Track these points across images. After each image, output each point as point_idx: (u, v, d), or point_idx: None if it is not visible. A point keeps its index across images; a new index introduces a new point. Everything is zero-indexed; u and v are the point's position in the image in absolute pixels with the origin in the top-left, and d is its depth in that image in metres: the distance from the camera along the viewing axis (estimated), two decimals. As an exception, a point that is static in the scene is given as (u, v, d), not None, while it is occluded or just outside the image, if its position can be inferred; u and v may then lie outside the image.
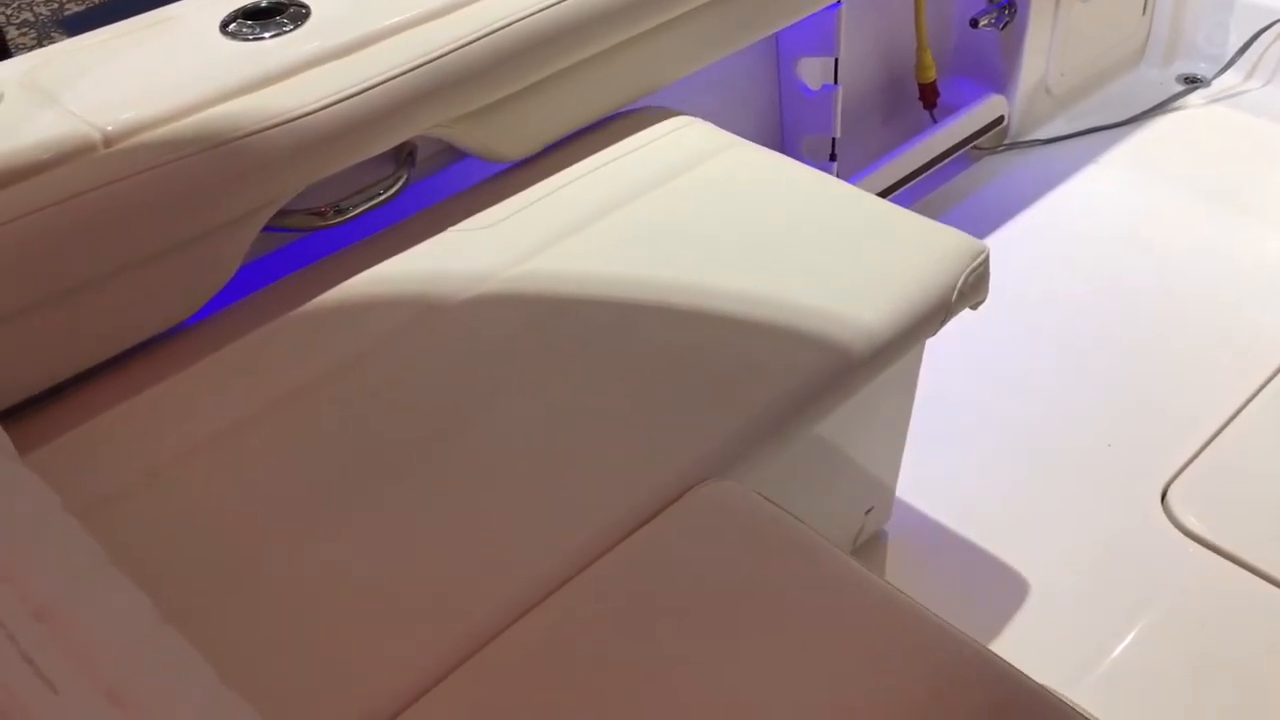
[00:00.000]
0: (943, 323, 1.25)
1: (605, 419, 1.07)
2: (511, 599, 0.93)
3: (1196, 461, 1.60)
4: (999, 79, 2.23)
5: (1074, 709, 0.84)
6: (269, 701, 0.88)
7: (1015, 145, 2.29)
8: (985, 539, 1.53)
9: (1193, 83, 2.44)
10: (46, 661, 0.53)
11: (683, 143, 1.44)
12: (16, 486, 0.81)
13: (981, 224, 2.09)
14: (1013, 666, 0.87)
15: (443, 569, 0.95)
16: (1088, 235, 2.05)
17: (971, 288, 1.27)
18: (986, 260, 1.28)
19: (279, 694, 0.88)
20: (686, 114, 1.51)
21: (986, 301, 1.89)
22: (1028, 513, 1.56)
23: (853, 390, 1.16)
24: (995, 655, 0.87)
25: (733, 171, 1.39)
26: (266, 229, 1.24)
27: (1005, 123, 2.24)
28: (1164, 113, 2.37)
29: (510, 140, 1.40)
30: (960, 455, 1.66)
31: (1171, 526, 1.52)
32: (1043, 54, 2.23)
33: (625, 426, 1.06)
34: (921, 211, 2.15)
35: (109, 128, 1.11)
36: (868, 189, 2.00)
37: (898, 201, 2.11)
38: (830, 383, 1.13)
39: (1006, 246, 2.04)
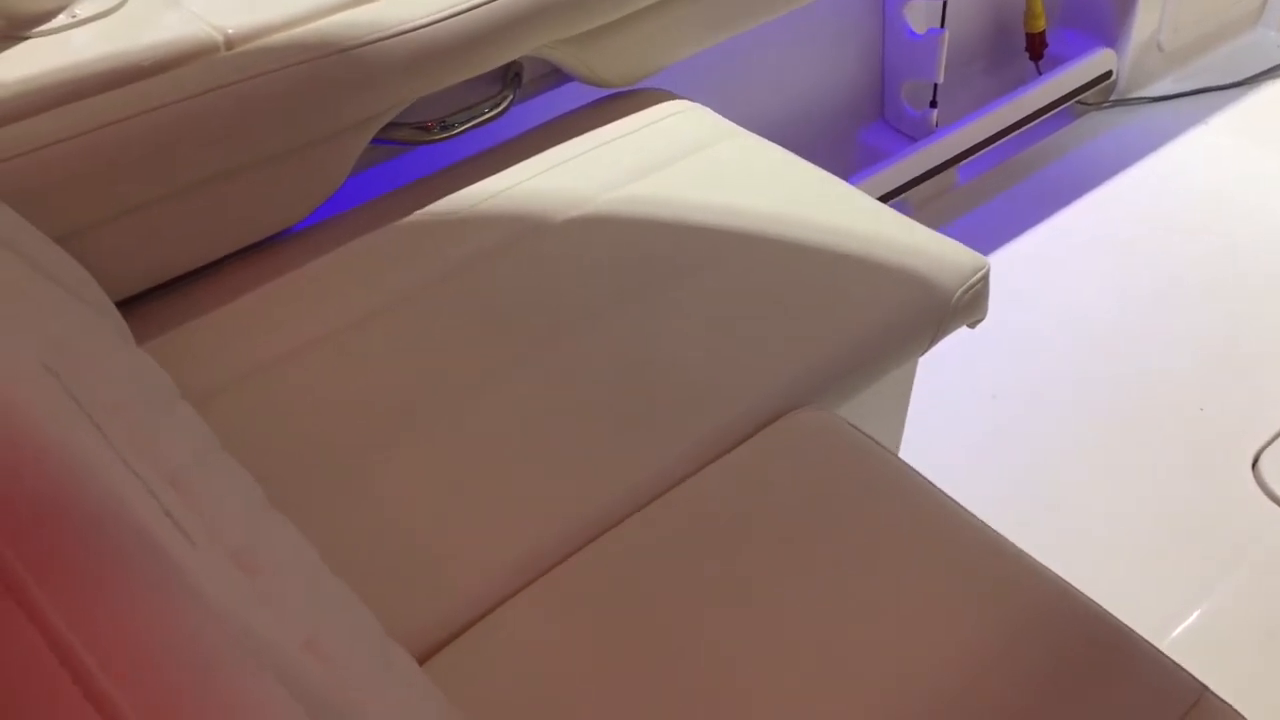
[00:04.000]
0: (933, 340, 1.17)
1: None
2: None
3: (1291, 431, 1.57)
4: (1109, 32, 2.18)
5: (1163, 654, 0.84)
6: (363, 592, 0.91)
7: (1121, 102, 2.23)
8: (1068, 496, 1.52)
9: (1312, 47, 2.36)
10: (182, 519, 0.55)
11: (681, 129, 1.37)
12: (139, 369, 0.84)
13: (1082, 181, 2.05)
14: (1104, 609, 0.86)
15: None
16: (1192, 198, 2.00)
17: (967, 305, 1.18)
18: (986, 276, 1.19)
19: (374, 585, 0.90)
20: (687, 99, 1.43)
21: (1083, 262, 1.87)
22: (1114, 472, 1.55)
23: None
24: (1087, 597, 0.87)
25: (728, 162, 1.31)
26: (374, 141, 1.26)
27: (1113, 78, 2.19)
28: (1278, 76, 2.29)
29: (615, 66, 1.40)
30: (1048, 409, 1.64)
31: (1261, 494, 1.50)
32: (1156, 9, 2.17)
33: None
34: (1020, 166, 2.14)
35: (230, 30, 1.13)
36: (967, 138, 1.97)
37: (997, 154, 2.08)
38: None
39: (1107, 205, 2.00)
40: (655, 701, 0.82)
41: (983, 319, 1.23)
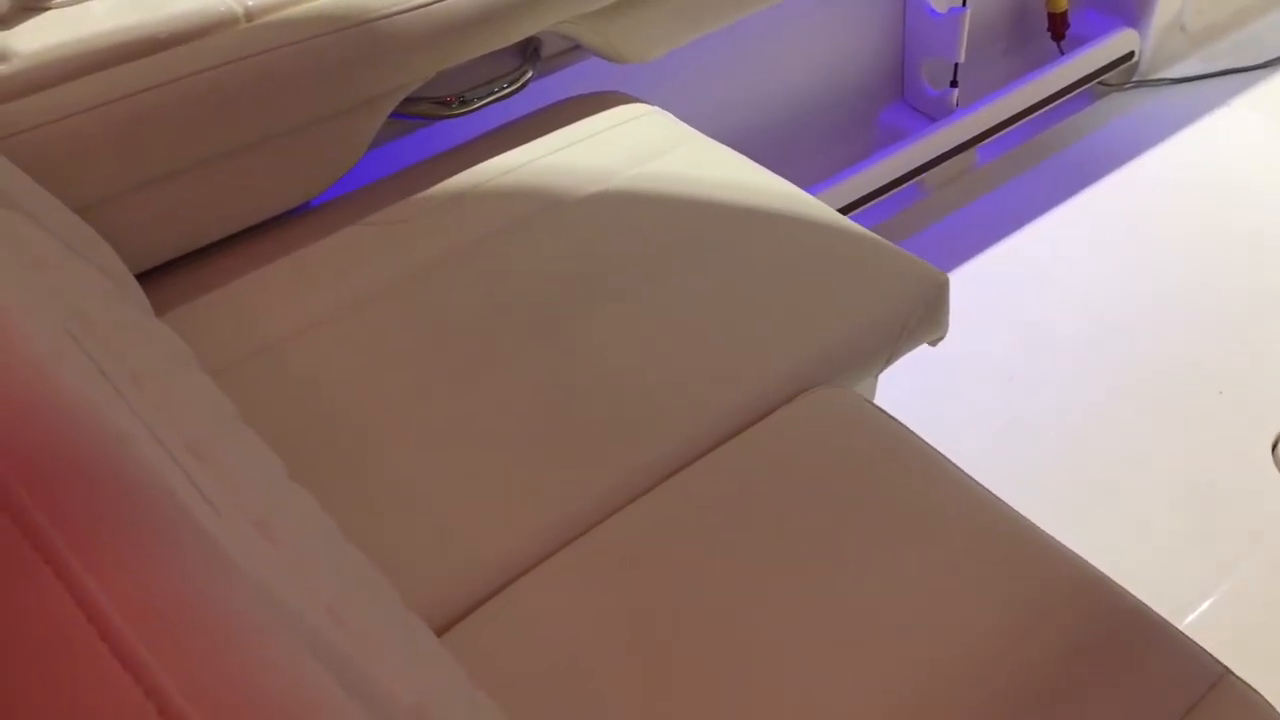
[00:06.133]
0: (889, 360, 1.13)
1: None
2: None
3: (1312, 415, 1.56)
4: (1132, 12, 2.15)
5: (1184, 634, 0.83)
6: (380, 565, 0.91)
7: (1144, 83, 2.21)
8: (1087, 480, 1.51)
9: (1338, 28, 2.33)
10: (205, 488, 0.55)
11: (638, 134, 1.32)
12: (159, 340, 0.84)
13: (1103, 163, 2.03)
14: (1124, 589, 0.86)
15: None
16: (1214, 180, 1.99)
17: (924, 323, 1.13)
18: (944, 292, 1.14)
19: (390, 559, 0.90)
20: (647, 102, 1.39)
21: (1103, 244, 1.86)
22: (1132, 455, 1.54)
23: None
24: (1107, 577, 0.87)
25: (685, 169, 1.26)
26: (393, 115, 1.25)
27: (1135, 59, 2.17)
28: (1304, 58, 2.27)
29: (635, 41, 1.40)
30: (1066, 391, 1.63)
31: (1281, 478, 1.49)
32: (1180, -11, 2.15)
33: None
34: (1040, 147, 2.12)
35: (250, 2, 1.13)
36: (987, 119, 1.96)
37: (1017, 135, 2.07)
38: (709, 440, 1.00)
39: (1128, 187, 1.98)
40: (674, 674, 0.82)
41: (943, 337, 1.17)
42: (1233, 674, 0.81)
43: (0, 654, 0.34)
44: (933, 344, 1.18)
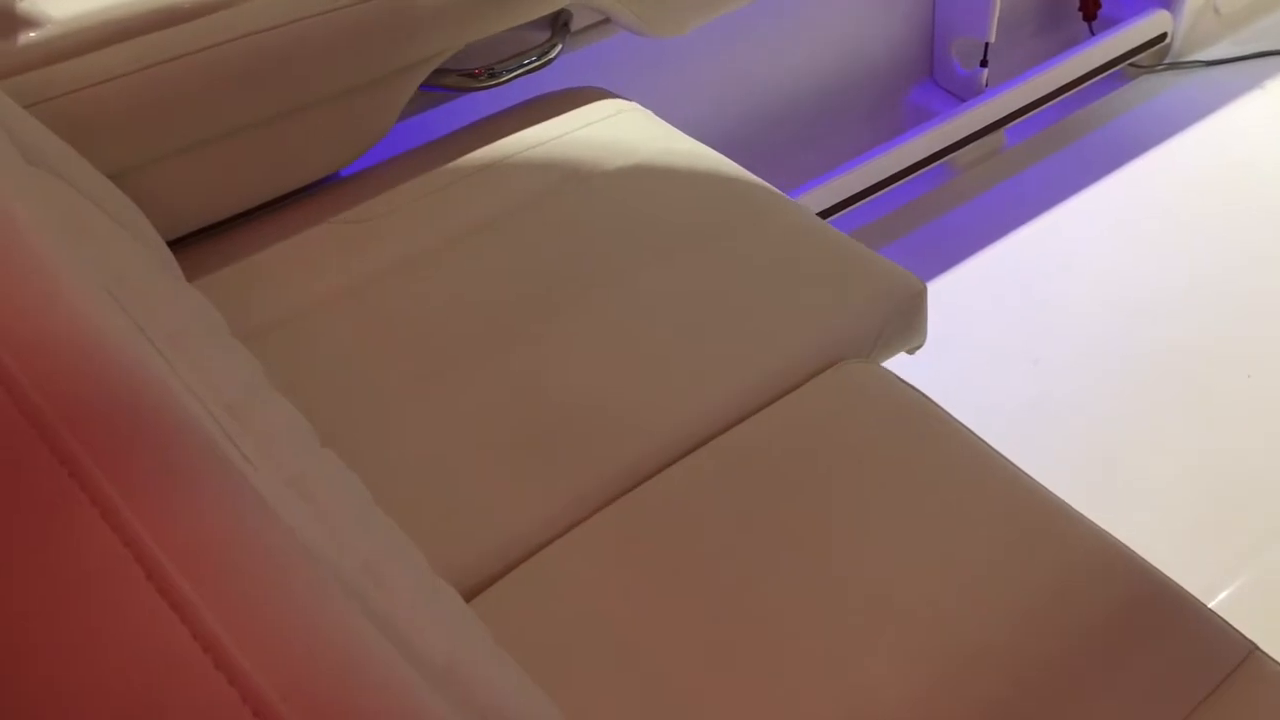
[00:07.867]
0: None
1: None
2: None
3: (1342, 400, 1.55)
4: None
5: (1212, 611, 0.83)
6: (407, 532, 0.92)
7: (1176, 65, 2.19)
8: (1113, 462, 1.50)
9: (1374, 11, 2.30)
10: (243, 445, 0.56)
11: (614, 132, 1.29)
12: (192, 304, 0.85)
13: (1133, 145, 2.02)
14: (1153, 566, 0.86)
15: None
16: (1245, 163, 1.97)
17: (901, 332, 1.10)
18: (921, 301, 1.11)
19: (416, 526, 0.91)
20: (625, 98, 1.36)
21: (1132, 227, 1.85)
22: (1159, 438, 1.53)
23: None
24: (1135, 553, 0.87)
25: (660, 167, 1.23)
26: (423, 87, 1.26)
27: (1168, 40, 2.14)
28: (1339, 41, 2.24)
29: (665, 16, 1.39)
30: (1092, 374, 1.62)
31: (1310, 462, 1.48)
32: (1214, -30, 2.13)
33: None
34: (1070, 128, 2.10)
35: (282, -30, 1.13)
36: (1017, 99, 1.94)
37: (1047, 116, 2.05)
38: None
39: (1159, 169, 1.96)
40: (698, 643, 0.82)
41: (921, 345, 1.15)
42: (1260, 651, 0.81)
43: (49, 595, 0.34)
44: (910, 352, 1.15)
